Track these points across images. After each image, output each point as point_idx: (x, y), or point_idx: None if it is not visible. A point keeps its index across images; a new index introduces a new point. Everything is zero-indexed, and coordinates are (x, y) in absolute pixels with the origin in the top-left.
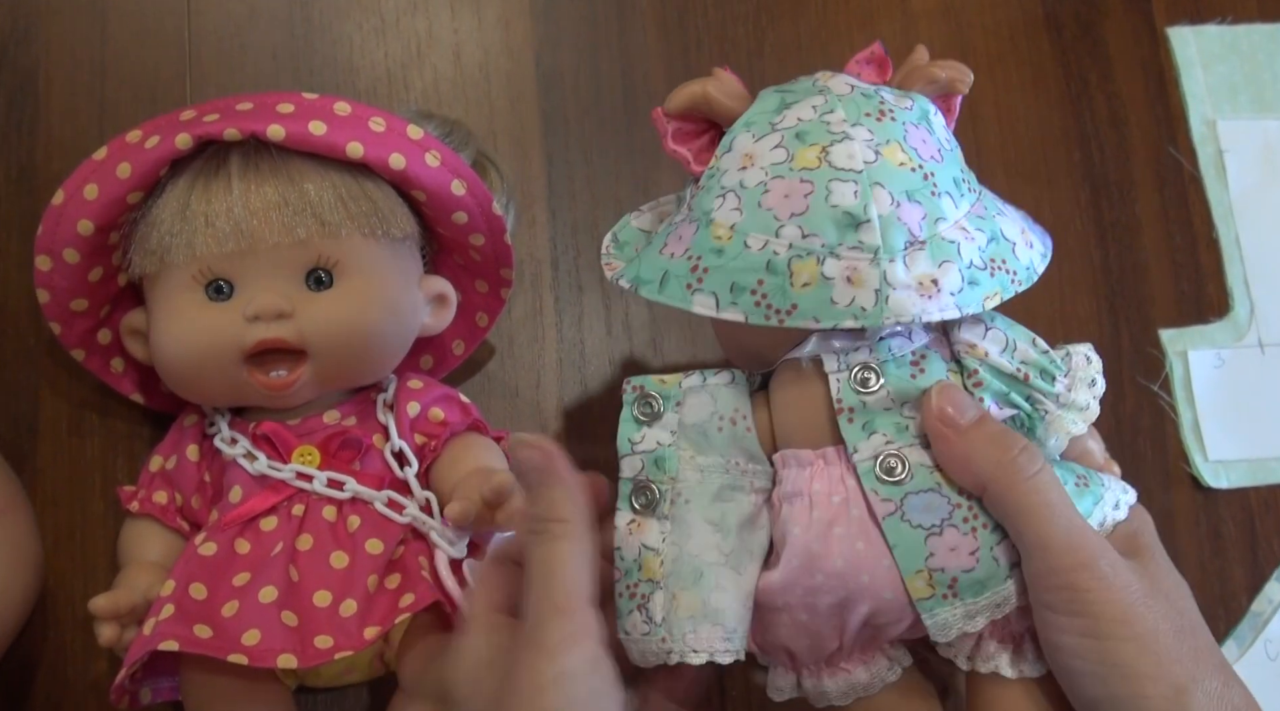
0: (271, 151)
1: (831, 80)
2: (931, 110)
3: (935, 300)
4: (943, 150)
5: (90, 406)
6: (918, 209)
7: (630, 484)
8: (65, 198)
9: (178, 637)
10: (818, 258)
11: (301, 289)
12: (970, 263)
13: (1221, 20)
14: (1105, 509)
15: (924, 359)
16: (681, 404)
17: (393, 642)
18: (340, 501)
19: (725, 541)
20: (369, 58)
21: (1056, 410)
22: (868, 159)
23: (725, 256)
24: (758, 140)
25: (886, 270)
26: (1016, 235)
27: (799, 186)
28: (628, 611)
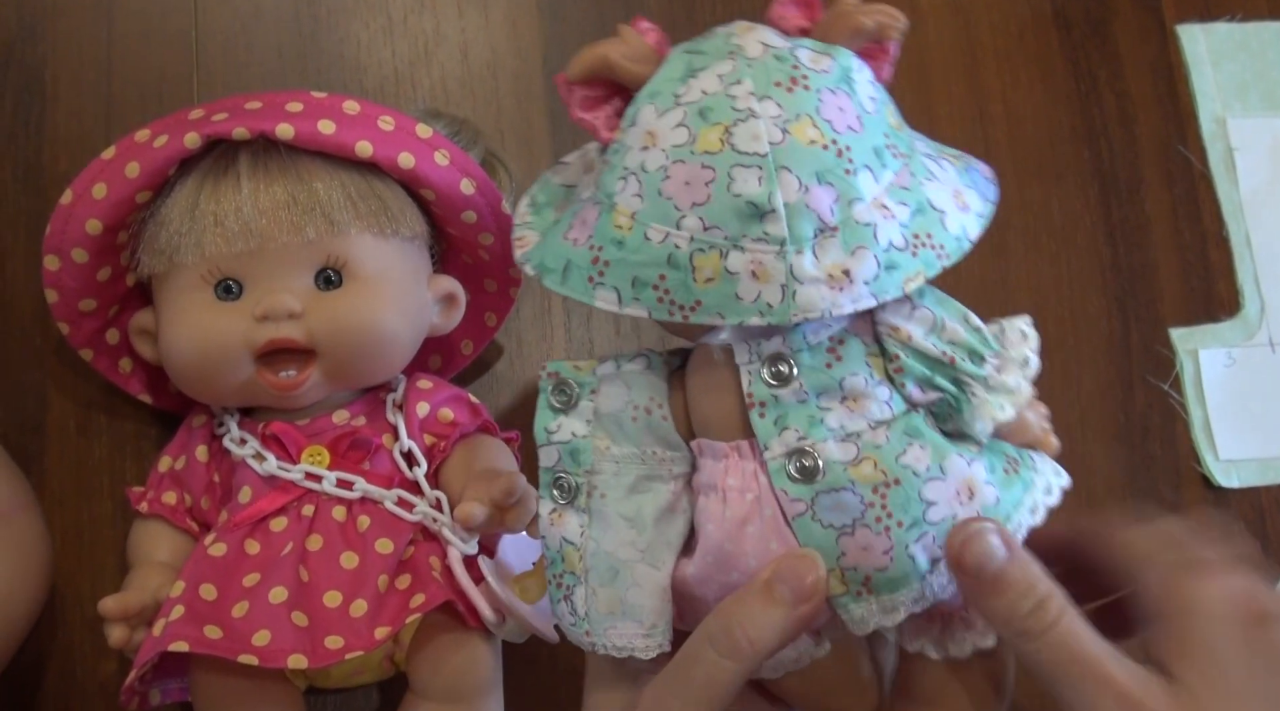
0: (280, 150)
1: (745, 36)
2: (854, 67)
3: (847, 291)
4: (864, 116)
5: (98, 407)
6: (829, 192)
7: (550, 474)
8: (74, 197)
9: (188, 638)
10: (720, 251)
11: (311, 288)
12: (889, 244)
13: (1231, 18)
14: (1036, 495)
15: (841, 344)
16: (597, 392)
17: (403, 643)
18: (350, 501)
19: (641, 537)
20: (376, 56)
21: (984, 394)
22: (774, 139)
23: (626, 248)
24: (660, 116)
25: (793, 263)
26: (948, 201)
27: (700, 172)
28: (556, 600)
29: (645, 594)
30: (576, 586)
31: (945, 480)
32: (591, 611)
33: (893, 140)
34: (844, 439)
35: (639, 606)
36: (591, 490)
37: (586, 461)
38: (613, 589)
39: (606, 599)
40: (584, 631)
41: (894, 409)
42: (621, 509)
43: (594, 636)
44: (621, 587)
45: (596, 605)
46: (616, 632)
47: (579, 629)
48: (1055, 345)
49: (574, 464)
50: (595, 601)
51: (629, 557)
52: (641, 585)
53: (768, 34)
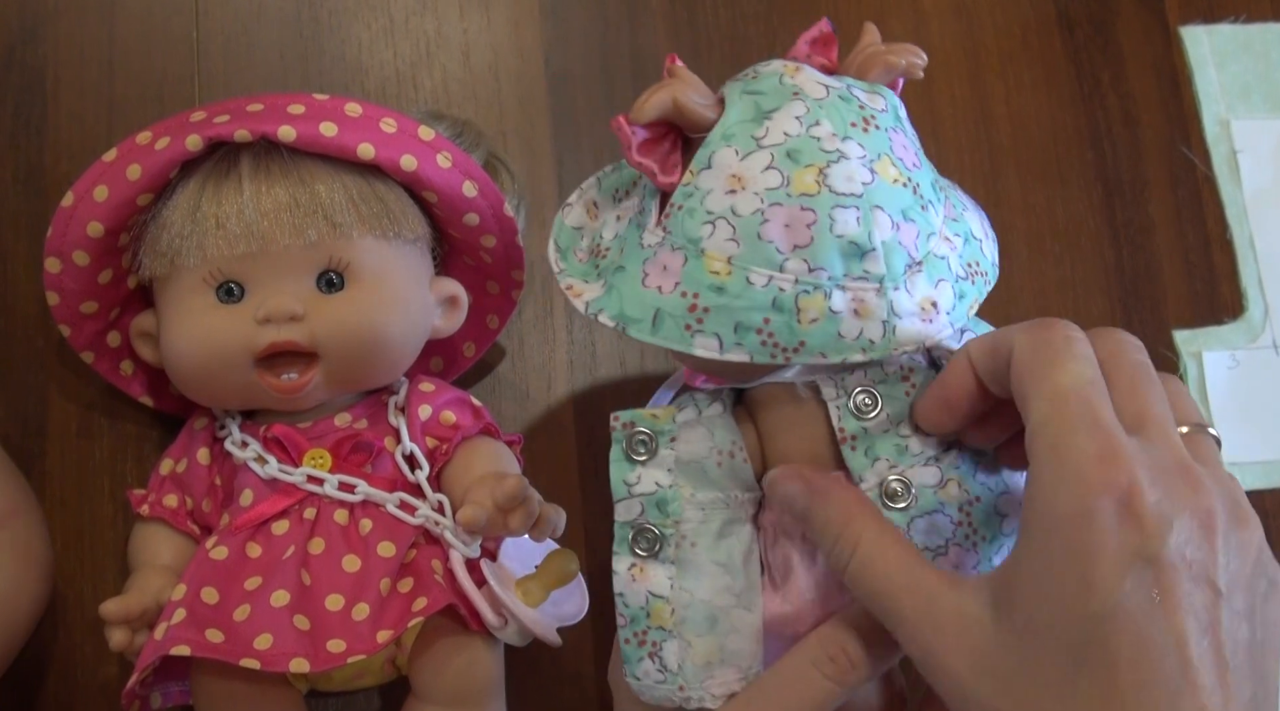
0: (282, 153)
1: (799, 77)
2: (899, 105)
3: (935, 322)
4: (919, 153)
5: (99, 409)
6: (913, 228)
7: (628, 528)
8: (75, 199)
9: (190, 642)
10: (825, 292)
11: (313, 291)
12: (957, 275)
13: (1235, 19)
14: None
15: (913, 373)
16: (676, 439)
17: (405, 646)
18: (352, 504)
19: (735, 582)
20: (378, 58)
21: None
22: (865, 180)
23: (727, 294)
24: (743, 158)
25: (893, 299)
26: (980, 230)
27: (801, 215)
28: (637, 658)
29: (744, 638)
30: (667, 641)
31: (1010, 492)
32: (686, 665)
33: (934, 177)
34: (927, 463)
35: (739, 651)
36: (680, 540)
37: (676, 511)
38: (711, 637)
39: (704, 649)
40: (677, 686)
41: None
42: (714, 555)
43: (689, 690)
44: (721, 635)
45: (692, 657)
46: (716, 682)
47: (670, 685)
48: None
49: (661, 514)
50: (690, 653)
51: (726, 604)
52: (740, 630)
53: (818, 75)
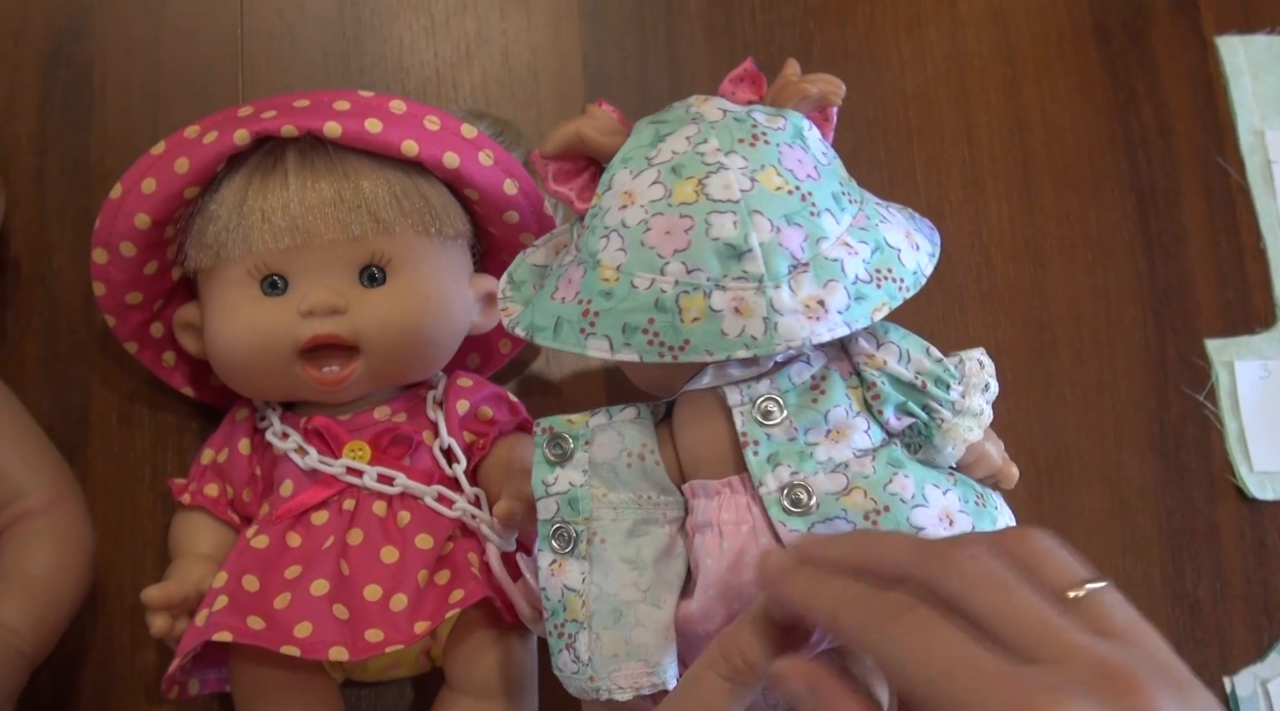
0: (328, 148)
1: (704, 106)
2: (805, 126)
3: (824, 320)
4: (820, 167)
5: (140, 399)
6: (798, 232)
7: (549, 526)
8: (123, 191)
9: (231, 628)
10: (704, 292)
11: (355, 285)
12: (855, 278)
13: (1271, 30)
14: (1001, 528)
15: (824, 380)
16: (590, 442)
17: (440, 638)
18: (390, 496)
19: (642, 577)
20: (419, 57)
21: (952, 418)
22: (744, 187)
23: (614, 298)
24: (635, 177)
25: (772, 297)
26: (900, 240)
27: (679, 222)
28: (557, 650)
29: (649, 632)
30: (580, 632)
31: (929, 507)
32: (595, 656)
33: (846, 188)
34: (833, 470)
35: (643, 645)
36: (592, 537)
37: (586, 509)
38: (617, 630)
39: (611, 641)
40: (588, 676)
41: (873, 439)
42: (622, 552)
43: (598, 680)
44: (625, 628)
45: (600, 649)
46: (622, 674)
47: (582, 676)
48: (1091, 355)
49: (573, 512)
50: (599, 645)
51: (632, 598)
52: (645, 624)
53: (722, 102)
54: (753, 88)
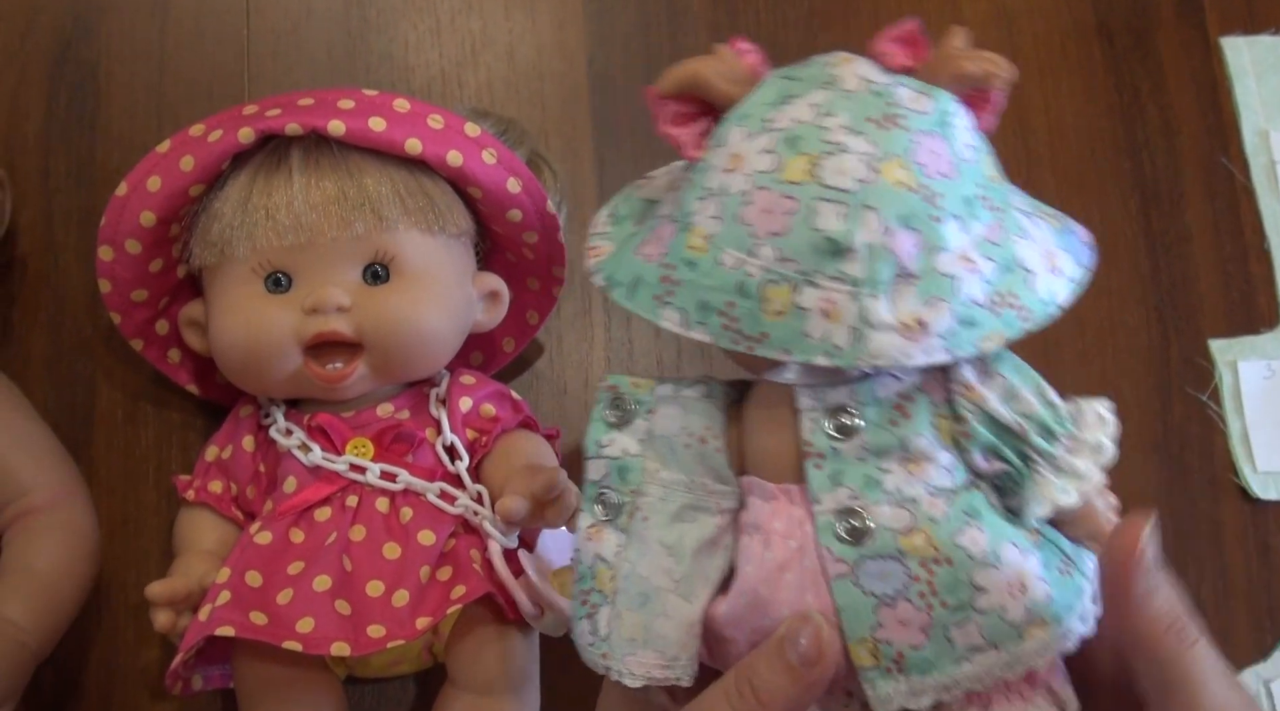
0: (332, 147)
1: (845, 68)
2: (955, 112)
3: (920, 342)
4: (959, 163)
5: (145, 396)
6: (913, 237)
7: (595, 488)
8: (128, 189)
9: (234, 623)
10: (793, 285)
11: (359, 283)
12: (970, 299)
13: (1275, 31)
14: (1086, 603)
15: (910, 401)
16: (653, 412)
17: (442, 634)
18: (393, 493)
19: (678, 567)
20: (424, 57)
21: (1050, 474)
22: (861, 176)
23: (698, 270)
24: (748, 139)
25: (867, 306)
26: (1037, 261)
27: (782, 202)
28: (578, 617)
29: (673, 625)
30: (602, 606)
31: (999, 569)
32: (614, 635)
33: (987, 192)
34: (899, 504)
35: (664, 637)
36: (634, 511)
37: (635, 481)
38: (640, 614)
39: (632, 623)
40: (601, 653)
41: (955, 478)
42: (663, 535)
43: (611, 660)
44: (649, 615)
45: (620, 629)
46: (635, 661)
47: (596, 651)
48: (1094, 355)
49: (621, 481)
50: (619, 625)
51: (662, 585)
52: (670, 616)
53: (868, 68)
54: (911, 53)
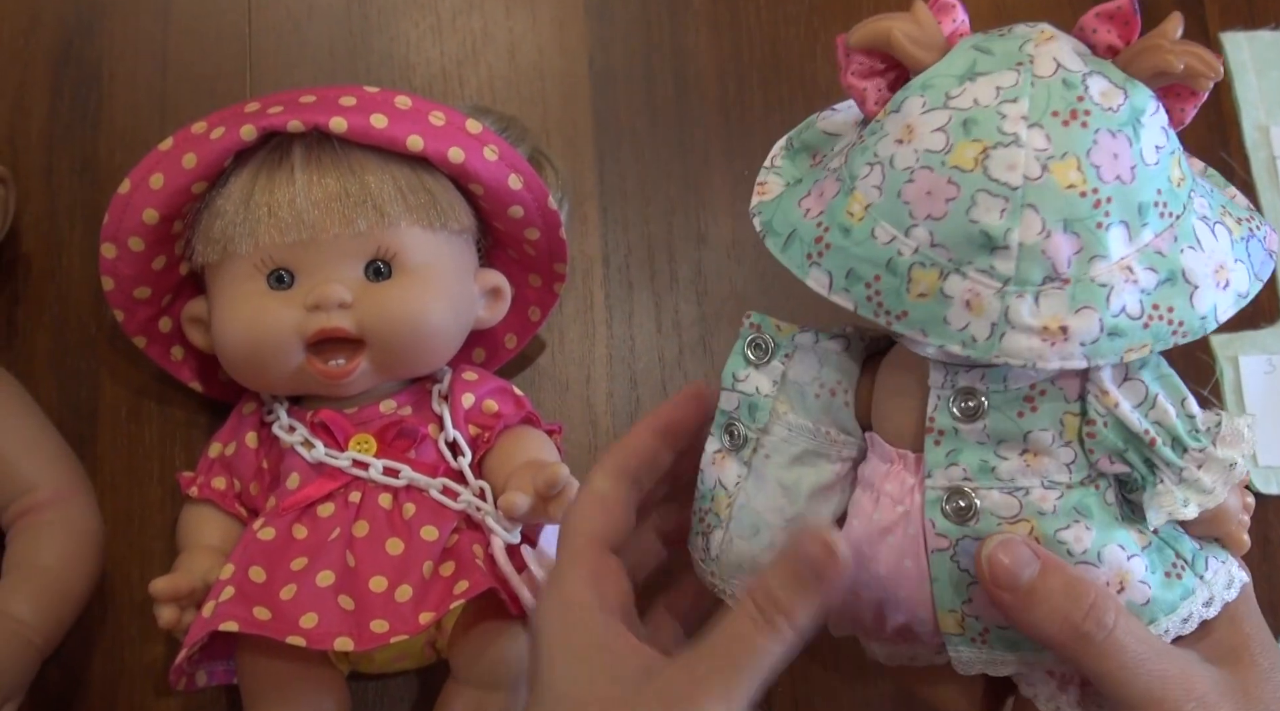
0: (334, 144)
1: (1044, 47)
2: (1148, 110)
3: (1059, 347)
4: (1141, 167)
5: (149, 394)
6: (1072, 242)
7: (725, 417)
8: (131, 187)
9: (238, 619)
10: (941, 271)
11: (361, 279)
12: (1121, 310)
13: (1275, 26)
14: (1194, 605)
15: (1041, 395)
16: (790, 357)
17: (445, 630)
18: (396, 489)
19: (790, 507)
20: (425, 55)
21: (1172, 485)
22: (1030, 174)
23: (851, 238)
24: (925, 112)
25: (1010, 305)
26: (1204, 275)
27: (945, 187)
28: (694, 532)
29: None
30: (716, 529)
31: (1099, 568)
32: (723, 557)
33: (1166, 197)
34: (1010, 492)
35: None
36: (759, 447)
37: (762, 420)
38: (750, 543)
39: (740, 550)
40: (710, 571)
41: (1073, 475)
42: (781, 476)
43: (718, 579)
44: (758, 546)
45: (729, 553)
46: (740, 583)
47: (707, 567)
48: None
49: (750, 418)
50: (729, 549)
51: (773, 522)
52: (776, 551)
53: (1067, 50)
54: (1120, 31)
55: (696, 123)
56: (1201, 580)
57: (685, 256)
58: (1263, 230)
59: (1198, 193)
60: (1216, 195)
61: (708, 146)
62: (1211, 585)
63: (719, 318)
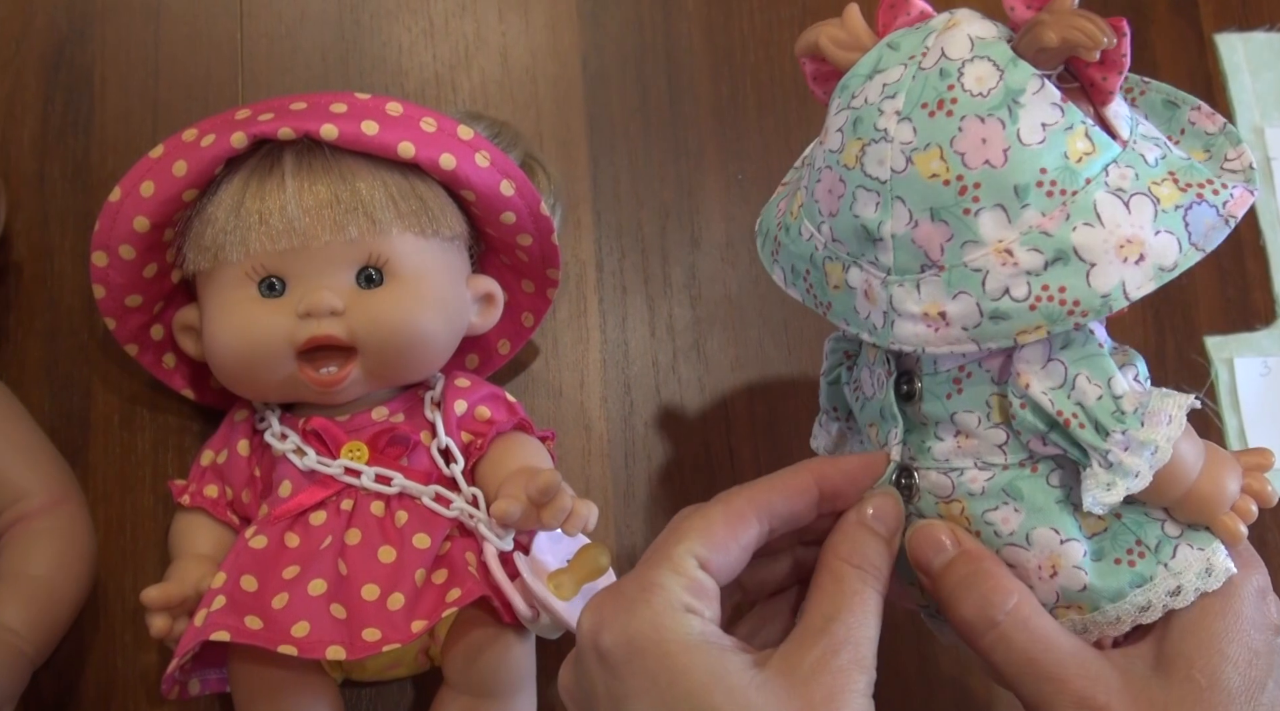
0: (325, 150)
1: (944, 35)
2: (1028, 90)
3: (943, 333)
4: (1013, 148)
5: (141, 401)
6: (941, 230)
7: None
8: (122, 195)
9: (229, 628)
10: (843, 264)
11: (352, 286)
12: (1002, 293)
13: (1270, 27)
14: (1153, 594)
15: (968, 378)
16: None
17: (438, 637)
18: (388, 496)
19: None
20: (417, 60)
21: (1099, 469)
22: (896, 167)
23: (789, 235)
24: (835, 113)
25: (894, 294)
26: (1106, 251)
27: (838, 185)
28: None
29: None
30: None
31: (1028, 550)
32: None
33: (1056, 175)
34: (945, 472)
35: None
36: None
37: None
38: None
39: None
40: None
41: (1008, 456)
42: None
43: None
44: None
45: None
46: None
47: None
48: None
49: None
50: None
51: None
52: None
53: (965, 36)
54: (1037, 5)
55: (690, 126)
56: (1165, 568)
57: (679, 260)
58: (1224, 194)
59: (1123, 162)
60: (1172, 160)
61: (701, 149)
62: (1180, 574)
63: (713, 321)
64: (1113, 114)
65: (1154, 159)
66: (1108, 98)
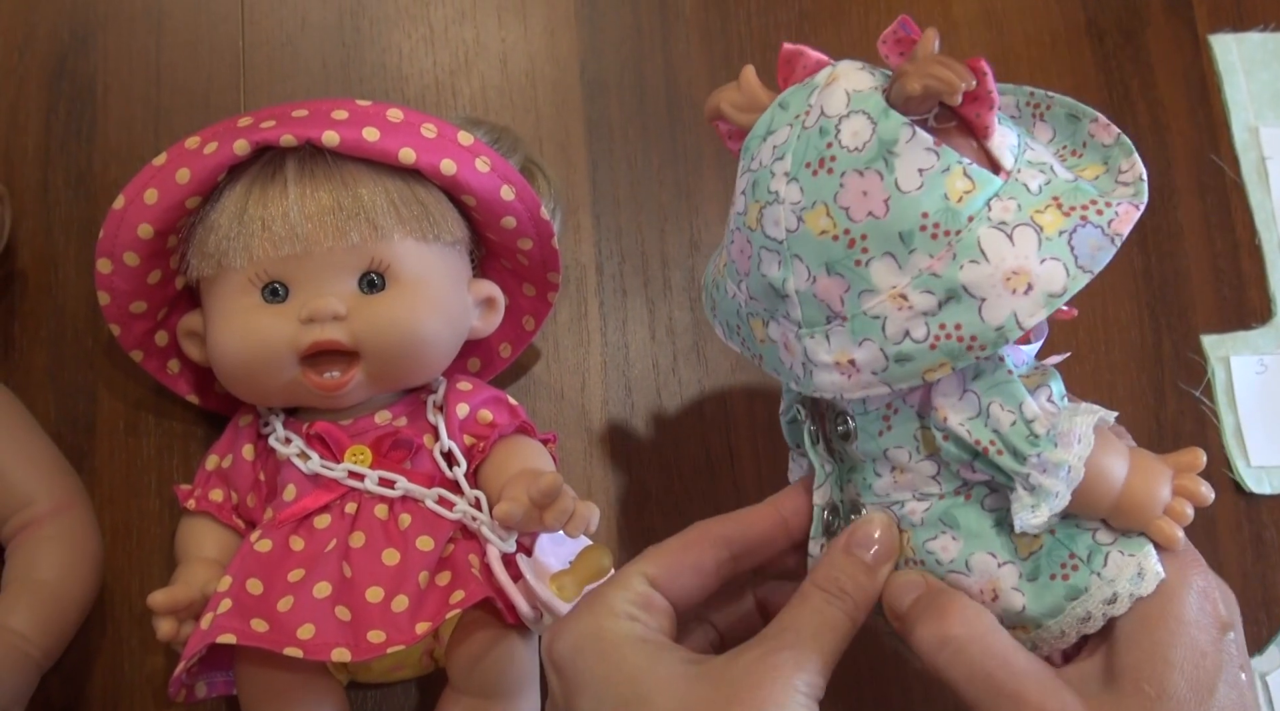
0: (326, 157)
1: (824, 92)
2: (900, 139)
3: (855, 379)
4: (894, 197)
5: (146, 407)
6: (838, 283)
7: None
8: (126, 202)
9: (235, 631)
10: (763, 320)
11: (355, 292)
12: (903, 336)
13: (1264, 28)
14: (1090, 605)
15: (895, 414)
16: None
17: (442, 639)
18: (392, 499)
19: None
20: (418, 66)
21: (1024, 492)
22: (790, 227)
23: (720, 293)
24: (740, 175)
25: (808, 345)
26: (995, 285)
27: (746, 246)
28: None
29: None
30: None
31: (969, 576)
32: None
33: (939, 217)
34: (886, 507)
35: None
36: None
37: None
38: None
39: None
40: None
41: (943, 486)
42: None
43: None
44: None
45: None
46: None
47: None
48: (1087, 351)
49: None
50: None
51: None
52: None
53: (837, 94)
54: (906, 53)
55: (688, 129)
56: (1099, 577)
57: (678, 263)
58: (1108, 213)
59: (1005, 194)
60: (1056, 185)
61: (699, 153)
62: (1114, 581)
63: (712, 324)
64: (995, 146)
65: (1037, 186)
66: (986, 132)
